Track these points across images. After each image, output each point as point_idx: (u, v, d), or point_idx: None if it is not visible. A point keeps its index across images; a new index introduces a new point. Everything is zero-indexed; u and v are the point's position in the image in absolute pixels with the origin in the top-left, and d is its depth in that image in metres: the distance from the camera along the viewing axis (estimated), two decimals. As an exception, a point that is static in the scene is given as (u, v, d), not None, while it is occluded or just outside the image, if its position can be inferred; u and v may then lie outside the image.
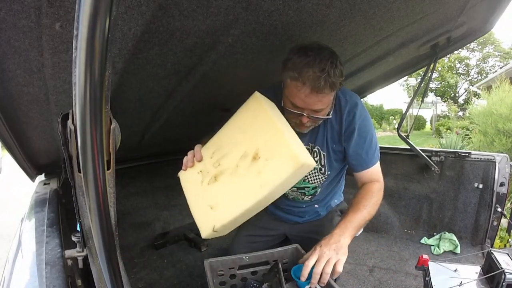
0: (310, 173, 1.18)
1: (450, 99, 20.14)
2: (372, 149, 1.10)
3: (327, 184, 1.22)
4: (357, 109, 1.06)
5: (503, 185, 1.88)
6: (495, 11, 1.35)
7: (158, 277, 1.82)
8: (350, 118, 1.07)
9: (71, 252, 0.71)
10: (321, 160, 1.14)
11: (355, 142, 1.08)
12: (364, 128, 1.08)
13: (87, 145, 0.35)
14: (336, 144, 1.12)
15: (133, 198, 2.15)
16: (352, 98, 1.09)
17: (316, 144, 1.13)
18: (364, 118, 1.08)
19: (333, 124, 1.10)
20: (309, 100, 0.90)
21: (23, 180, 1.82)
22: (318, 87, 0.86)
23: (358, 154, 1.09)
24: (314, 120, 0.99)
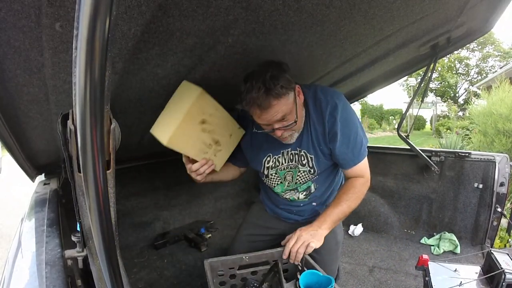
0: (300, 174, 1.20)
1: (450, 99, 20.14)
2: (357, 147, 1.11)
3: (322, 180, 1.23)
4: (337, 109, 1.07)
5: (503, 185, 1.88)
6: (495, 11, 1.35)
7: (158, 277, 1.82)
8: (332, 119, 1.08)
9: (71, 252, 0.71)
10: (309, 162, 1.17)
11: (340, 142, 1.09)
12: (348, 127, 1.09)
13: (87, 145, 0.35)
14: (323, 146, 1.13)
15: (133, 198, 2.15)
16: (333, 98, 1.09)
17: (302, 148, 1.16)
18: (347, 118, 1.09)
19: (316, 127, 1.11)
20: (265, 117, 0.99)
21: (23, 180, 1.83)
22: (262, 104, 0.95)
23: (344, 154, 1.11)
24: (288, 129, 1.04)
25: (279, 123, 1.01)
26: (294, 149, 1.18)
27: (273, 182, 1.28)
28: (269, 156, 1.23)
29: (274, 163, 1.23)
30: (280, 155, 1.21)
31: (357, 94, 2.30)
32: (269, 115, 0.98)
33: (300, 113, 1.04)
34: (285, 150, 1.19)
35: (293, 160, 1.20)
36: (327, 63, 1.33)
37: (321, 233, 1.04)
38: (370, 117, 19.58)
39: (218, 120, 1.07)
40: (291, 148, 1.18)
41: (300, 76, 1.43)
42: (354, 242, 2.25)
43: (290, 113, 1.01)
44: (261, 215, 1.46)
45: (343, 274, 1.84)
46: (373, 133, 16.13)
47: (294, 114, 1.02)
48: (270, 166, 1.24)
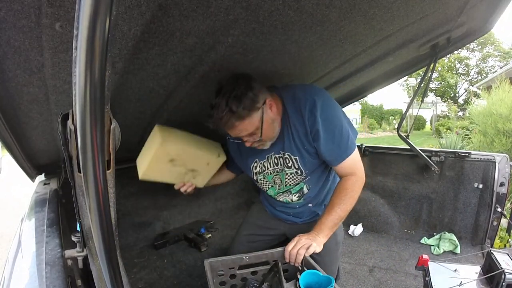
0: (287, 176, 1.20)
1: (450, 99, 20.15)
2: (344, 141, 1.08)
3: (314, 180, 1.22)
4: (317, 106, 1.05)
5: (503, 185, 1.88)
6: (495, 11, 1.35)
7: (158, 277, 1.82)
8: (312, 118, 1.06)
9: (71, 252, 0.71)
10: (294, 163, 1.16)
11: (323, 140, 1.07)
12: (330, 122, 1.06)
13: (87, 145, 0.35)
14: (306, 145, 1.12)
15: (133, 198, 2.15)
16: (311, 96, 1.07)
17: (286, 151, 1.15)
18: (328, 113, 1.06)
19: (297, 128, 1.10)
20: (231, 133, 1.05)
21: (23, 180, 1.82)
22: (227, 125, 1.00)
23: (330, 150, 1.09)
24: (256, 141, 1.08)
25: (249, 137, 1.06)
26: (278, 153, 1.18)
27: (264, 186, 1.29)
28: (256, 161, 1.25)
29: (261, 168, 1.24)
30: (265, 160, 1.22)
31: (357, 94, 2.30)
32: (234, 133, 1.04)
33: (267, 128, 1.05)
34: (269, 154, 1.20)
35: (278, 163, 1.20)
36: (327, 63, 1.33)
37: (319, 240, 1.04)
38: (370, 117, 19.59)
39: (188, 156, 1.19)
40: (274, 152, 1.18)
41: (300, 76, 1.43)
42: (354, 242, 2.25)
43: (256, 130, 1.03)
44: (261, 216, 1.46)
45: (343, 274, 1.84)
46: (373, 133, 16.14)
47: (259, 131, 1.03)
48: (258, 172, 1.26)
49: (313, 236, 1.04)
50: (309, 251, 0.99)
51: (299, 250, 0.99)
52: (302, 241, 1.01)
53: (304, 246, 1.00)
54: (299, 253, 0.99)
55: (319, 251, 1.01)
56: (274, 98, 1.09)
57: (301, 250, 0.99)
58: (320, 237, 1.04)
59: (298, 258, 1.00)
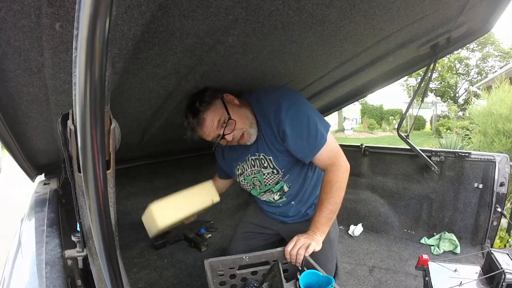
0: (265, 176, 1.24)
1: (450, 99, 20.15)
2: (312, 135, 1.08)
3: (293, 178, 1.23)
4: (281, 107, 1.08)
5: (503, 185, 1.88)
6: (495, 11, 1.35)
7: (158, 277, 1.82)
8: (278, 119, 1.08)
9: (71, 252, 0.71)
10: (270, 163, 1.19)
11: (291, 138, 1.08)
12: (297, 120, 1.07)
13: (87, 145, 0.35)
14: (278, 145, 1.15)
15: (133, 198, 2.15)
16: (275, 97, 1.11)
17: (260, 152, 1.19)
18: (293, 112, 1.08)
19: (266, 129, 1.14)
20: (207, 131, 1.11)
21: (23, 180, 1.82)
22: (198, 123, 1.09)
23: (300, 147, 1.10)
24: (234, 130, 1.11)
25: (221, 129, 1.10)
26: (253, 155, 1.22)
27: (247, 187, 1.33)
28: (238, 164, 1.29)
29: (241, 170, 1.29)
30: (244, 162, 1.26)
31: (357, 94, 2.30)
32: (208, 127, 1.09)
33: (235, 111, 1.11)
34: (248, 156, 1.24)
35: (255, 165, 1.23)
36: (327, 63, 1.33)
37: (318, 238, 1.05)
38: (370, 117, 19.59)
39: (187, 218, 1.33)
40: (251, 154, 1.23)
41: (300, 76, 1.43)
42: (354, 242, 2.25)
43: (223, 115, 1.09)
44: (257, 214, 1.48)
45: (343, 274, 1.84)
46: (373, 133, 16.13)
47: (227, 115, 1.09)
48: (239, 174, 1.30)
49: (311, 235, 1.05)
50: (308, 251, 1.00)
51: (298, 250, 1.00)
52: (301, 241, 1.03)
53: (303, 246, 1.01)
54: (299, 253, 1.00)
55: (319, 249, 1.02)
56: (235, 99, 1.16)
57: (301, 250, 1.00)
58: (317, 235, 1.06)
59: (298, 258, 1.01)
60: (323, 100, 2.17)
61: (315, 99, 2.00)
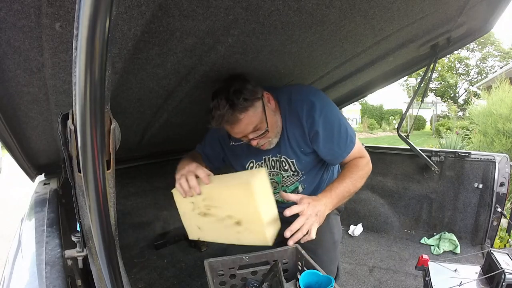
0: (284, 179, 1.20)
1: (450, 99, 20.16)
2: (343, 139, 1.07)
3: (310, 179, 1.21)
4: (315, 108, 1.04)
5: (503, 185, 1.88)
6: (495, 11, 1.35)
7: (158, 277, 1.82)
8: (311, 119, 1.05)
9: (71, 252, 0.71)
10: (291, 166, 1.16)
11: (323, 140, 1.06)
12: (328, 122, 1.05)
13: (87, 145, 0.35)
14: (304, 147, 1.11)
15: (133, 198, 2.15)
16: (308, 97, 1.07)
17: (282, 154, 1.15)
18: (326, 113, 1.05)
19: (294, 130, 1.09)
20: (236, 131, 1.00)
21: (23, 180, 1.83)
22: (230, 121, 0.96)
23: (330, 149, 1.08)
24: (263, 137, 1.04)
25: (253, 134, 1.02)
26: (275, 156, 1.16)
27: None
28: (252, 162, 1.21)
29: None
30: (262, 161, 1.20)
31: (357, 94, 2.30)
32: (240, 129, 1.00)
33: (271, 120, 1.03)
34: (267, 156, 1.18)
35: (275, 167, 1.19)
36: (327, 63, 1.33)
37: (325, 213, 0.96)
38: (370, 117, 19.60)
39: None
40: (272, 154, 1.16)
41: (300, 76, 1.43)
42: (354, 242, 2.25)
43: (261, 122, 1.01)
44: None
45: (343, 274, 1.84)
46: (373, 133, 16.14)
47: (265, 123, 1.01)
48: None
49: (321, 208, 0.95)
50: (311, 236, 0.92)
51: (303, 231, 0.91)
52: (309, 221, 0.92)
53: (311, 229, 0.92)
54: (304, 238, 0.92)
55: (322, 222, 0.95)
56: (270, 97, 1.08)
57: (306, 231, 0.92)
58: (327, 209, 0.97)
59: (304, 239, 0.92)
60: (323, 100, 2.17)
61: (315, 99, 2.00)
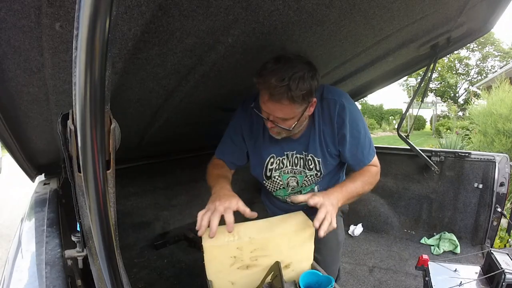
0: (306, 178, 1.17)
1: (450, 99, 20.15)
2: (366, 147, 1.10)
3: (326, 181, 1.21)
4: (345, 110, 1.05)
5: (503, 185, 1.88)
6: (495, 11, 1.35)
7: (158, 277, 1.82)
8: (341, 121, 1.06)
9: (71, 252, 0.71)
10: (316, 166, 1.14)
11: (349, 144, 1.08)
12: (356, 128, 1.07)
13: (87, 145, 0.35)
14: (331, 148, 1.11)
15: (133, 198, 2.15)
16: (340, 98, 1.06)
17: (309, 152, 1.12)
18: (355, 118, 1.07)
19: (324, 129, 1.09)
20: (269, 106, 0.94)
21: (23, 180, 1.83)
22: (274, 96, 0.89)
23: (354, 155, 1.10)
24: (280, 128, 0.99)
25: (278, 120, 0.97)
26: (300, 153, 1.13)
27: (276, 186, 1.21)
28: (273, 156, 1.16)
29: (278, 165, 1.16)
30: (284, 157, 1.15)
31: (357, 94, 2.30)
32: (273, 108, 0.94)
33: (300, 123, 1.01)
34: (290, 152, 1.14)
35: (297, 164, 1.14)
36: (327, 63, 1.33)
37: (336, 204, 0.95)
38: (370, 117, 19.58)
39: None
40: (297, 151, 1.13)
41: (300, 76, 1.43)
42: (354, 242, 2.25)
43: (291, 119, 0.97)
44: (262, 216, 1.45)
45: (343, 274, 1.84)
46: (373, 133, 16.13)
47: (294, 122, 0.97)
48: (274, 168, 1.16)
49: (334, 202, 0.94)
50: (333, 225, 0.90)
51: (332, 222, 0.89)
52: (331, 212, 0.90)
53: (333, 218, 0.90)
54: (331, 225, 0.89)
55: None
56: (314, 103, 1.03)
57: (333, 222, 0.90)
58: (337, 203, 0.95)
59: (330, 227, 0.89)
60: (323, 100, 2.17)
61: (315, 99, 2.00)
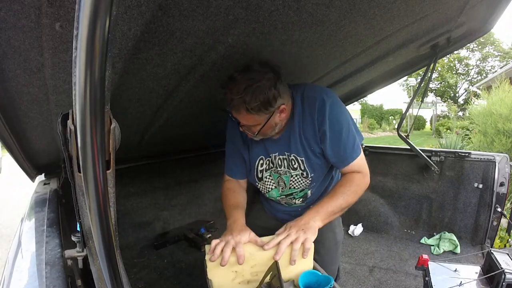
0: (293, 178, 1.16)
1: (450, 99, 20.16)
2: (350, 144, 1.05)
3: (318, 184, 1.20)
4: (325, 106, 1.02)
5: (503, 185, 1.88)
6: (495, 11, 1.35)
7: (158, 277, 1.82)
8: (321, 118, 1.03)
9: (71, 252, 0.71)
10: (300, 165, 1.13)
11: (330, 141, 1.05)
12: (337, 123, 1.03)
13: (87, 145, 0.35)
14: (313, 146, 1.09)
15: (133, 198, 2.15)
16: (321, 95, 1.04)
17: (292, 152, 1.12)
18: (336, 114, 1.04)
19: (305, 127, 1.07)
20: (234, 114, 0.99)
21: (23, 180, 1.83)
22: (234, 107, 0.95)
23: (336, 152, 1.07)
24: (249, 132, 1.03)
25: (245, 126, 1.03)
26: (282, 154, 1.14)
27: (268, 186, 1.23)
28: (262, 158, 1.18)
29: (268, 165, 1.18)
30: (269, 159, 1.18)
31: (357, 94, 2.30)
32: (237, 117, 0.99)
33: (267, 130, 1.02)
34: (274, 154, 1.15)
35: (281, 165, 1.16)
36: (327, 63, 1.33)
37: (313, 225, 0.94)
38: (370, 117, 19.60)
39: None
40: (279, 152, 1.14)
41: (300, 76, 1.43)
42: (354, 242, 2.25)
43: (255, 126, 1.00)
44: (260, 216, 1.45)
45: (343, 274, 1.84)
46: (373, 133, 16.13)
47: (258, 128, 1.00)
48: (264, 169, 1.19)
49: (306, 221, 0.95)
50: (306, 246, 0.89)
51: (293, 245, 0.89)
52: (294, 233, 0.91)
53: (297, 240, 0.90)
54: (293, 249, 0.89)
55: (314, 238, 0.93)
56: (289, 101, 1.05)
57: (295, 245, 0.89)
58: (313, 221, 0.95)
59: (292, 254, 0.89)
60: (323, 100, 2.17)
61: (315, 99, 2.00)
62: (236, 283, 0.92)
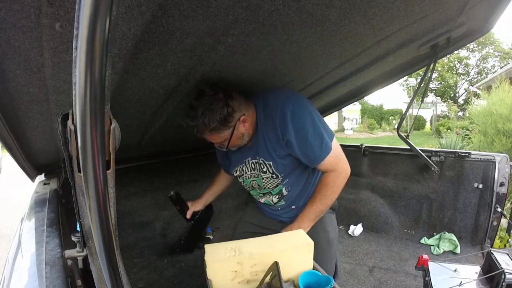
0: (264, 180, 1.24)
1: (450, 99, 20.15)
2: (317, 144, 1.08)
3: (292, 182, 1.23)
4: (287, 115, 1.06)
5: (503, 185, 1.88)
6: (495, 11, 1.35)
7: (158, 277, 1.82)
8: (283, 126, 1.07)
9: (71, 252, 0.71)
10: (269, 168, 1.19)
11: (297, 145, 1.08)
12: (302, 128, 1.07)
13: (87, 145, 0.35)
14: (279, 151, 1.14)
15: (133, 198, 2.15)
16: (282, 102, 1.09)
17: (260, 156, 1.19)
18: (298, 119, 1.07)
19: (269, 134, 1.13)
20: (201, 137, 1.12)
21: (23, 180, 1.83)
22: (198, 132, 1.07)
23: (305, 155, 1.10)
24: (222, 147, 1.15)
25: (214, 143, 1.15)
26: (254, 158, 1.21)
27: (246, 188, 1.35)
28: (237, 166, 1.29)
29: (240, 172, 1.29)
30: (243, 164, 1.26)
31: (357, 94, 2.30)
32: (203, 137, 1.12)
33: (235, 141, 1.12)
34: (247, 159, 1.24)
35: (255, 168, 1.24)
36: (327, 63, 1.33)
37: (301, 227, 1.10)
38: (370, 117, 19.60)
39: None
40: (251, 157, 1.22)
41: (300, 76, 1.43)
42: (354, 242, 2.25)
43: (224, 141, 1.11)
44: (255, 214, 1.48)
45: (343, 274, 1.84)
46: (373, 133, 16.14)
47: (226, 142, 1.11)
48: (238, 175, 1.31)
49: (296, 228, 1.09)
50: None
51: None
52: None
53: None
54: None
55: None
56: (250, 111, 1.12)
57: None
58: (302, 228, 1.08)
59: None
60: (323, 100, 2.17)
61: (315, 99, 2.00)
62: (236, 283, 0.93)
